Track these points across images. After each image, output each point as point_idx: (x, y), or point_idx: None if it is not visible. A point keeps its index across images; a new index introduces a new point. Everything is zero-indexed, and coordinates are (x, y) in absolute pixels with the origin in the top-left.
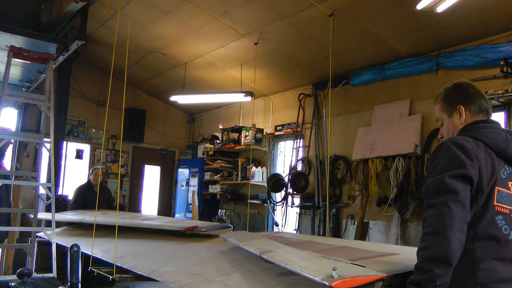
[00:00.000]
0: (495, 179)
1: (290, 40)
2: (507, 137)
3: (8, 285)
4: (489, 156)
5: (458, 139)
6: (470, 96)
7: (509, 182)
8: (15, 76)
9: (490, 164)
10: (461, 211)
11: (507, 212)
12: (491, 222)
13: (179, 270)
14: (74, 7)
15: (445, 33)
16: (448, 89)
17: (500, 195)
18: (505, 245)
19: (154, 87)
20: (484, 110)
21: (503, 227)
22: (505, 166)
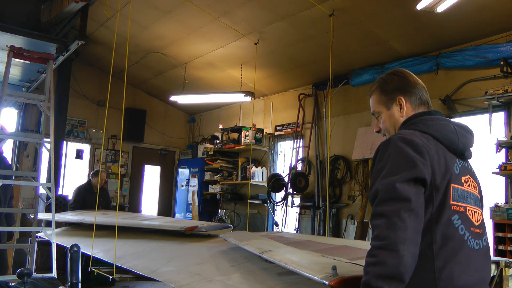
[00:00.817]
0: (449, 176)
1: (290, 40)
2: (455, 129)
3: (8, 285)
4: (441, 151)
5: (406, 134)
6: (410, 85)
7: (462, 177)
8: (15, 76)
9: (443, 160)
10: (415, 221)
11: (462, 211)
12: (448, 223)
13: (179, 270)
14: (74, 7)
15: (445, 33)
16: (384, 78)
17: (456, 192)
18: (462, 247)
19: (154, 87)
20: (425, 101)
21: (459, 227)
22: (456, 161)
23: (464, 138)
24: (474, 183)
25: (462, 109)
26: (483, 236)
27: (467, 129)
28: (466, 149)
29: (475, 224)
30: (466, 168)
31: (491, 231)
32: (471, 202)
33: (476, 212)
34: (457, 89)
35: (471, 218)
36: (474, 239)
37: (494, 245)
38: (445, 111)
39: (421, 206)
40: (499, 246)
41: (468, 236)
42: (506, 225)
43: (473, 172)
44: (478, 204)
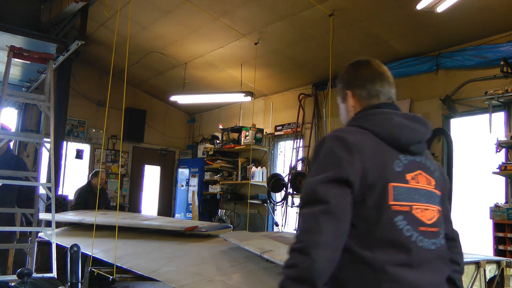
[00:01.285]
0: (387, 175)
1: (290, 40)
2: (401, 122)
3: (8, 285)
4: (379, 148)
5: (341, 131)
6: (360, 79)
7: (407, 174)
8: (15, 76)
9: (379, 158)
10: (333, 225)
11: (407, 210)
12: (389, 225)
13: (179, 270)
14: (74, 7)
15: (445, 33)
16: (345, 69)
17: (397, 191)
18: (410, 249)
19: (154, 87)
20: (375, 95)
21: (405, 228)
22: (399, 157)
23: (410, 131)
24: (428, 179)
25: (462, 109)
26: (439, 234)
27: (419, 120)
28: (412, 143)
29: (426, 223)
30: (417, 163)
31: (491, 231)
32: (421, 200)
33: (428, 209)
34: (457, 89)
35: (420, 217)
36: (427, 239)
37: (494, 245)
38: (445, 111)
39: (344, 208)
40: (499, 246)
41: (417, 237)
42: (506, 225)
43: (429, 167)
44: (433, 200)
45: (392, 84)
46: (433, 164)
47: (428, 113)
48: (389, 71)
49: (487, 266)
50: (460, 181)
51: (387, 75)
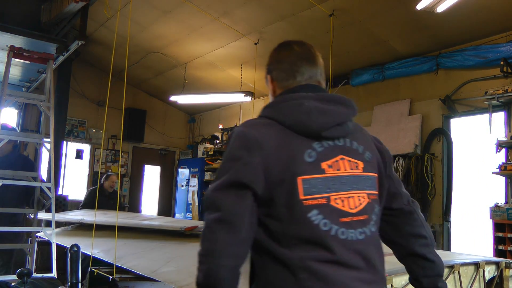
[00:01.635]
0: (294, 169)
1: None
2: (311, 107)
3: (8, 285)
4: (286, 140)
5: (246, 125)
6: (279, 62)
7: (323, 162)
8: (15, 76)
9: (285, 151)
10: (227, 234)
11: (323, 202)
12: (303, 221)
13: (179, 270)
14: (74, 7)
15: (445, 33)
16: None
17: (308, 184)
18: (330, 244)
19: (154, 87)
20: (292, 77)
21: (321, 223)
22: (313, 145)
23: (322, 115)
24: (354, 162)
25: (462, 109)
26: (369, 222)
27: (337, 101)
28: (326, 127)
29: (350, 213)
30: (338, 148)
31: (491, 231)
32: (343, 188)
33: (353, 197)
34: (457, 89)
35: (342, 206)
36: (353, 229)
37: (494, 245)
38: (445, 111)
39: (239, 215)
40: (499, 246)
41: (337, 229)
42: (506, 225)
43: (356, 149)
44: (361, 185)
45: (316, 65)
46: (362, 144)
47: (428, 113)
48: (314, 52)
49: (486, 267)
50: (460, 181)
51: (310, 55)
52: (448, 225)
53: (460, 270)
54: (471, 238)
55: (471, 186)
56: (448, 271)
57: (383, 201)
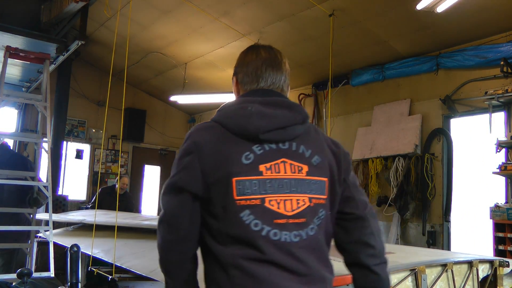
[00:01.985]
0: (230, 170)
1: (290, 40)
2: (253, 111)
3: (8, 285)
4: (225, 142)
5: (193, 128)
6: (244, 65)
7: (261, 165)
8: (14, 76)
9: (222, 153)
10: (168, 233)
11: (256, 204)
12: (235, 221)
13: None
14: (74, 7)
15: (445, 33)
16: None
17: (242, 186)
18: (259, 244)
19: (154, 87)
20: (254, 81)
21: (252, 223)
22: (252, 148)
23: (261, 119)
24: (298, 166)
25: (462, 109)
26: (308, 225)
27: (282, 105)
28: (265, 131)
29: (286, 215)
30: (280, 151)
31: (491, 231)
32: (281, 190)
33: (291, 200)
34: (457, 89)
35: (277, 208)
36: (287, 231)
37: (494, 245)
38: (445, 111)
39: (178, 216)
40: (499, 246)
41: (269, 230)
42: (506, 225)
43: (302, 153)
44: (302, 189)
45: (280, 71)
46: (311, 148)
47: (428, 113)
48: (281, 58)
49: (479, 265)
50: (460, 181)
51: (276, 61)
52: (448, 225)
53: (453, 268)
54: (471, 238)
55: (471, 186)
56: (441, 270)
57: (335, 206)
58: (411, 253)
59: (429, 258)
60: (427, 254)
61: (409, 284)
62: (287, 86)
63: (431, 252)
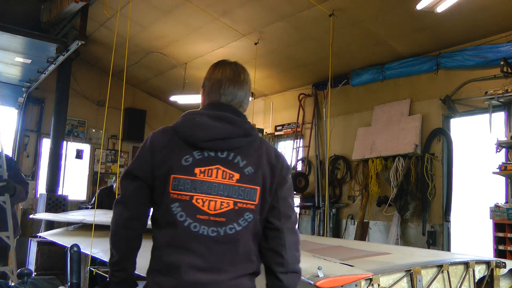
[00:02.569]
0: (171, 168)
1: (290, 40)
2: (199, 122)
3: (8, 285)
4: (173, 145)
5: (157, 130)
6: (212, 78)
7: (197, 168)
8: (15, 76)
9: (169, 154)
10: (122, 211)
11: (186, 199)
12: (166, 209)
13: None
14: (74, 7)
15: (445, 33)
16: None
17: (177, 182)
18: (180, 232)
19: (154, 87)
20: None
21: (178, 214)
22: (193, 153)
23: (204, 130)
24: (230, 173)
25: (462, 109)
26: (227, 224)
27: (225, 120)
28: (205, 140)
29: (208, 212)
30: (216, 159)
31: (491, 231)
32: (209, 192)
33: (216, 201)
34: (457, 89)
35: (201, 206)
36: (206, 226)
37: (494, 245)
38: (445, 111)
39: (132, 197)
40: (499, 246)
41: (190, 223)
42: (506, 225)
43: (236, 162)
44: (229, 193)
45: (241, 88)
46: (246, 160)
47: (428, 113)
48: (244, 77)
49: (476, 266)
50: (460, 181)
51: (238, 79)
52: (448, 225)
53: (449, 269)
54: (471, 238)
55: (471, 186)
56: (436, 271)
57: (265, 212)
58: (407, 254)
59: (425, 259)
60: (423, 255)
61: (404, 285)
62: (247, 101)
63: (427, 252)
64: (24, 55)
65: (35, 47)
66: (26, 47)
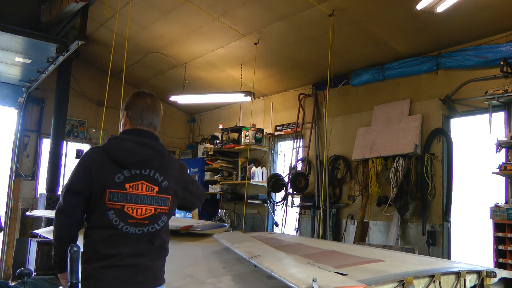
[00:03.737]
0: (106, 184)
1: (290, 40)
2: (125, 147)
3: (8, 285)
4: (106, 165)
5: (88, 150)
6: (134, 106)
7: (127, 183)
8: (15, 76)
9: (104, 172)
10: (65, 218)
11: (119, 208)
12: (103, 215)
13: (172, 271)
14: (74, 7)
15: (445, 33)
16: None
17: (112, 195)
18: (115, 232)
19: (154, 87)
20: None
21: (113, 219)
22: (123, 171)
23: (128, 154)
24: (151, 187)
25: (462, 109)
26: (149, 225)
27: (145, 145)
28: (131, 162)
29: (136, 217)
30: (141, 176)
31: (491, 231)
32: (137, 201)
33: (141, 208)
34: (457, 89)
35: (131, 213)
36: (134, 227)
37: (494, 245)
38: (445, 111)
39: (73, 208)
40: (499, 246)
41: (122, 225)
42: (506, 225)
43: (156, 178)
44: (151, 202)
45: (157, 114)
46: (163, 175)
47: (428, 113)
48: (159, 105)
49: (467, 276)
50: (460, 181)
51: (155, 107)
52: (448, 225)
53: (441, 279)
54: (471, 238)
55: (471, 186)
56: (428, 281)
57: (173, 213)
58: (400, 261)
59: (417, 267)
60: (415, 263)
61: None
62: (159, 123)
63: (419, 260)
64: (24, 55)
65: (35, 47)
66: (26, 47)
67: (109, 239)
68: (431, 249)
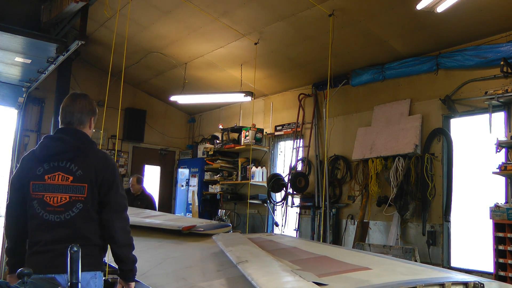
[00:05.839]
0: (30, 177)
1: (290, 40)
2: (42, 143)
3: (8, 285)
4: (31, 161)
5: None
6: (63, 108)
7: (47, 175)
8: (15, 76)
9: (28, 167)
10: (9, 210)
11: (40, 197)
12: (30, 205)
13: (167, 273)
14: (74, 7)
15: (445, 33)
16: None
17: (34, 186)
18: (38, 219)
19: (154, 87)
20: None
21: (36, 208)
22: (43, 165)
23: (44, 149)
24: (66, 177)
25: (462, 109)
26: (65, 212)
27: (60, 140)
28: (47, 156)
29: (53, 205)
30: (58, 167)
31: (491, 231)
32: (54, 191)
33: (57, 197)
34: (457, 89)
35: (49, 201)
36: (52, 215)
37: (494, 245)
38: (445, 111)
39: (15, 199)
40: (499, 246)
41: (43, 213)
42: (506, 225)
43: (71, 169)
44: (67, 191)
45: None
46: (78, 166)
47: (428, 113)
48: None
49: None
50: (460, 181)
51: (73, 106)
52: (448, 225)
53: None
54: (471, 238)
55: (471, 186)
56: None
57: (95, 203)
58: (387, 270)
59: (404, 277)
60: (403, 272)
61: None
62: (84, 118)
63: (407, 269)
64: (24, 55)
65: (35, 47)
66: (26, 47)
67: (36, 227)
68: (431, 249)
